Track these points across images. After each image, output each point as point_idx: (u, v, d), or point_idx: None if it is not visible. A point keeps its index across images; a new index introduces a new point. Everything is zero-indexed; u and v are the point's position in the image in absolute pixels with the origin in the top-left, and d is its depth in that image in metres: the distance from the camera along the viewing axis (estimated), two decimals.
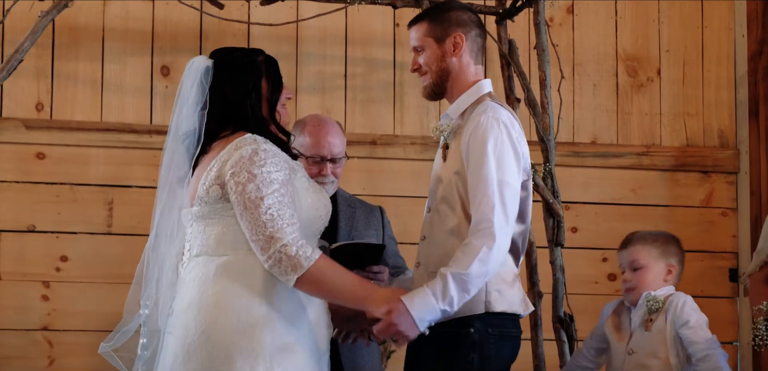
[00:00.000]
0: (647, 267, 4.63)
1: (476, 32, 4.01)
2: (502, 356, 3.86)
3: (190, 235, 3.82)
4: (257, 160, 3.66)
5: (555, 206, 4.95)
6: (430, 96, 4.05)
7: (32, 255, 5.48)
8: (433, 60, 3.97)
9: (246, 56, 3.92)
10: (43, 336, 5.47)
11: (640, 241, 4.64)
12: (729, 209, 6.13)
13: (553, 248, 4.99)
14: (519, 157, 3.83)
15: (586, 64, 6.06)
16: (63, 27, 5.55)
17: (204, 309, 3.67)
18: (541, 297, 4.96)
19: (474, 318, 3.79)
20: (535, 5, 5.02)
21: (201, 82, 3.84)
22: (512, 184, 3.77)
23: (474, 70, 4.00)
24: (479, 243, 3.68)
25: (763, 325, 4.13)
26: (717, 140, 6.16)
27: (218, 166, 3.72)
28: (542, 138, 4.98)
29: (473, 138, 3.79)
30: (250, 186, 3.64)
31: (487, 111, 3.83)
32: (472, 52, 3.99)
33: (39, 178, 5.51)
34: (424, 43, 3.99)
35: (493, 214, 3.70)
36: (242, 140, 3.73)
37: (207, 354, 3.63)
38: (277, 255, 3.61)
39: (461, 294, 3.68)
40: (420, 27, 4.01)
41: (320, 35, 5.76)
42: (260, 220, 3.62)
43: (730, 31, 6.21)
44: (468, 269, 3.66)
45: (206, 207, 3.74)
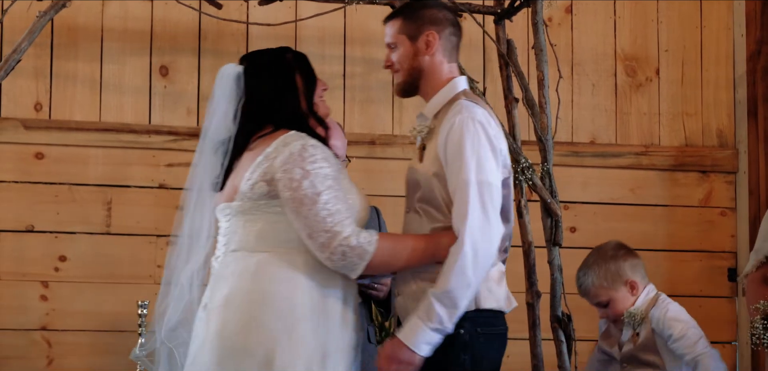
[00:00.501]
0: (612, 300, 4.69)
1: (450, 30, 4.00)
2: (491, 355, 3.87)
3: (227, 230, 3.81)
4: (308, 156, 3.68)
5: (553, 206, 4.95)
6: (402, 93, 4.06)
7: (31, 255, 5.48)
8: (406, 57, 3.97)
9: (276, 55, 3.94)
10: (41, 336, 5.47)
11: (592, 285, 4.69)
12: (728, 209, 6.13)
13: (551, 248, 4.99)
14: (497, 154, 3.81)
15: (584, 63, 6.06)
16: (62, 27, 5.55)
17: (244, 305, 3.67)
18: (540, 297, 4.96)
19: (463, 318, 3.79)
20: (533, 5, 5.02)
21: (233, 89, 3.86)
22: (493, 183, 3.76)
23: (448, 68, 3.99)
24: (455, 256, 3.68)
25: (760, 324, 4.13)
26: (716, 140, 6.17)
27: (266, 163, 3.71)
28: (540, 138, 4.98)
29: (450, 139, 3.78)
30: (305, 183, 3.64)
31: (462, 111, 3.81)
32: (446, 50, 3.97)
33: (38, 178, 5.51)
34: (397, 39, 3.99)
35: (467, 221, 3.69)
36: (289, 136, 3.74)
37: (246, 350, 3.63)
38: (340, 250, 3.63)
39: (449, 310, 3.68)
40: (394, 23, 4.02)
41: (319, 35, 5.76)
42: (319, 216, 3.63)
43: (728, 31, 6.21)
44: (448, 286, 3.67)
45: (248, 203, 3.74)
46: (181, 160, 5.60)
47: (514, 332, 5.11)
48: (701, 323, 5.90)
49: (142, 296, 5.38)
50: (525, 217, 4.96)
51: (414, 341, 3.68)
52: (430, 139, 3.91)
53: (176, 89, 5.66)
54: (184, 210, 3.91)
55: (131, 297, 5.40)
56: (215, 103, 3.88)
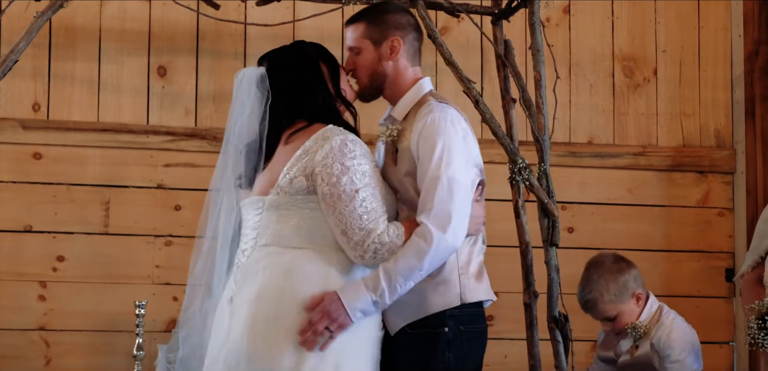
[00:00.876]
0: (620, 313, 4.69)
1: (414, 35, 4.07)
2: (474, 352, 3.93)
3: (258, 224, 3.83)
4: (347, 151, 3.72)
5: (550, 206, 4.94)
6: (364, 98, 4.11)
7: (29, 255, 5.49)
8: (370, 62, 4.01)
9: (295, 50, 3.98)
10: (39, 336, 5.47)
11: (600, 301, 4.68)
12: (725, 209, 6.13)
13: (548, 248, 4.99)
14: (468, 153, 3.88)
15: (582, 64, 6.06)
16: (60, 27, 5.55)
17: (276, 302, 3.69)
18: (537, 297, 4.95)
19: (447, 316, 3.82)
20: (530, 6, 5.01)
21: (257, 91, 3.88)
22: (462, 182, 3.81)
23: (412, 71, 4.07)
24: (418, 241, 3.72)
25: (755, 324, 4.14)
26: (713, 140, 6.17)
27: (306, 157, 3.75)
28: (537, 138, 4.98)
29: (422, 138, 3.83)
30: (344, 179, 3.69)
31: (433, 110, 3.87)
32: (410, 54, 4.05)
33: (36, 178, 5.51)
34: (361, 44, 4.03)
35: (431, 213, 3.74)
36: (328, 131, 3.77)
37: (275, 346, 3.65)
38: (373, 247, 3.68)
39: (393, 289, 3.71)
40: (357, 27, 4.05)
41: (317, 35, 5.69)
42: (356, 214, 3.68)
43: (726, 31, 6.21)
44: (401, 267, 3.70)
45: (285, 197, 3.76)
46: (179, 161, 5.60)
47: (511, 332, 5.16)
48: (698, 323, 5.91)
49: (140, 296, 5.39)
50: (522, 217, 4.95)
51: (352, 305, 3.69)
52: (401, 140, 3.94)
53: (174, 89, 5.67)
54: (210, 213, 3.92)
55: (129, 298, 5.41)
56: (238, 106, 3.90)
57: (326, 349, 3.66)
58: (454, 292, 3.86)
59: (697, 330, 5.84)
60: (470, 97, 4.73)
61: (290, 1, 5.65)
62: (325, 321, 3.66)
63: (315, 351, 3.64)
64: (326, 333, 3.67)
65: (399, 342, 3.87)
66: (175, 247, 5.58)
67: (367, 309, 3.71)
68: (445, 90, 5.79)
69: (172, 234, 5.60)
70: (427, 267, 3.74)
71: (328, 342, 3.67)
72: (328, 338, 3.67)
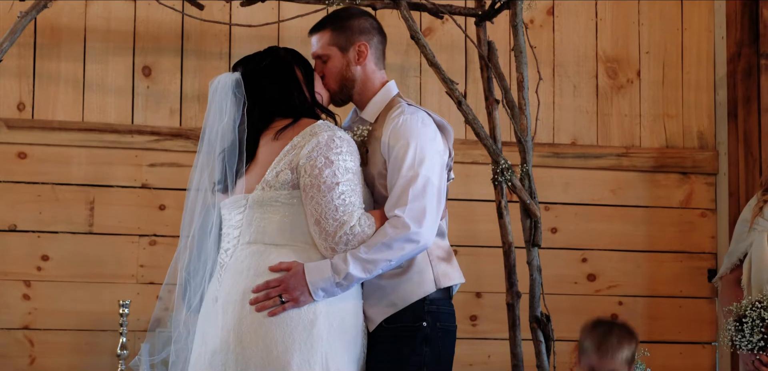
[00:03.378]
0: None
1: (378, 39, 4.12)
2: (447, 350, 3.97)
3: (240, 223, 3.84)
4: (334, 146, 3.76)
5: (532, 207, 4.96)
6: (335, 103, 4.16)
7: (13, 254, 5.49)
8: (338, 69, 4.05)
9: (270, 55, 4.00)
10: (24, 335, 5.47)
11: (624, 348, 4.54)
12: (708, 210, 6.16)
13: (531, 248, 5.01)
14: (440, 156, 3.93)
15: (566, 65, 6.08)
16: (45, 27, 5.56)
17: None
18: (520, 297, 4.98)
19: (425, 311, 3.86)
20: (513, 7, 5.03)
21: (233, 96, 3.90)
22: (434, 182, 3.85)
23: (380, 75, 4.12)
24: (390, 230, 3.76)
25: (733, 326, 4.17)
26: (696, 141, 6.19)
27: (293, 152, 3.78)
28: (520, 139, 5.00)
29: (393, 138, 3.89)
30: (327, 171, 3.72)
31: (404, 112, 3.93)
32: (376, 57, 4.11)
33: (20, 177, 5.52)
34: (327, 51, 4.06)
35: (404, 208, 3.78)
36: (317, 126, 3.80)
37: (264, 347, 3.66)
38: (344, 238, 3.71)
39: (359, 273, 3.74)
40: (322, 35, 4.08)
41: (301, 36, 5.72)
42: (333, 204, 3.71)
43: (709, 32, 6.24)
44: (371, 256, 3.74)
45: (269, 192, 3.78)
46: (163, 160, 5.61)
47: (494, 332, 5.18)
48: (681, 324, 5.96)
49: (125, 296, 5.40)
50: (505, 218, 4.97)
51: (315, 283, 3.71)
52: (371, 141, 3.98)
53: (159, 89, 5.67)
54: (188, 213, 3.94)
55: (113, 297, 5.42)
56: (214, 112, 3.92)
57: (315, 353, 3.68)
58: (429, 278, 3.91)
59: (680, 330, 5.88)
60: (453, 98, 4.75)
61: (275, 2, 5.66)
62: (281, 291, 3.69)
63: (302, 349, 3.66)
64: (278, 301, 3.69)
65: (376, 337, 3.90)
66: (159, 247, 5.59)
67: (330, 290, 3.73)
68: (428, 91, 5.81)
69: (156, 233, 5.60)
70: (397, 257, 3.77)
71: (278, 310, 3.69)
72: (278, 307, 3.68)
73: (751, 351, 4.13)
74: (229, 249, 3.84)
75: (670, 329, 6.00)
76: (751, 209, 4.51)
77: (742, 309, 4.15)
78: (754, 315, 4.11)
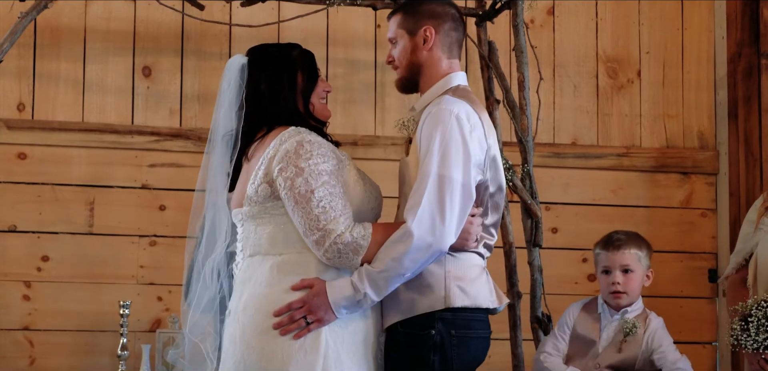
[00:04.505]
0: (636, 272, 4.66)
1: (450, 25, 3.96)
2: (464, 358, 3.80)
3: (242, 236, 3.84)
4: (303, 152, 3.68)
5: (533, 207, 4.96)
6: (402, 89, 4.01)
7: (13, 255, 5.48)
8: (405, 53, 3.93)
9: (280, 51, 3.94)
10: (24, 336, 5.47)
11: (632, 244, 4.65)
12: (708, 210, 6.15)
13: (531, 249, 5.01)
14: (468, 152, 3.73)
15: (566, 65, 6.08)
16: (45, 27, 5.55)
17: (261, 310, 3.69)
18: (520, 298, 4.98)
19: (435, 319, 3.77)
20: (514, 7, 5.03)
21: (237, 80, 3.86)
22: (455, 179, 3.68)
23: (447, 63, 3.94)
24: (397, 242, 3.65)
25: (738, 326, 4.16)
26: (696, 141, 6.19)
27: (266, 164, 3.73)
28: (521, 139, 5.00)
29: (424, 128, 3.75)
30: (298, 181, 3.65)
31: (441, 103, 3.77)
32: (445, 45, 3.93)
33: (20, 178, 5.51)
34: (397, 35, 3.96)
35: (416, 212, 3.65)
36: (285, 133, 3.74)
37: (263, 355, 3.65)
38: (334, 248, 3.63)
39: (376, 291, 3.67)
40: (395, 19, 3.99)
41: (301, 36, 5.75)
42: (312, 214, 3.63)
43: (709, 32, 6.24)
44: (381, 267, 3.65)
45: (256, 207, 3.75)
46: (163, 161, 5.61)
47: (495, 332, 5.14)
48: (682, 324, 5.95)
49: (125, 296, 5.40)
50: (506, 218, 4.97)
51: (337, 301, 3.67)
52: (415, 131, 3.89)
53: (159, 90, 5.67)
54: (198, 208, 3.92)
55: (114, 298, 5.41)
56: (222, 94, 3.89)
57: (314, 358, 3.66)
58: (439, 296, 3.77)
59: (680, 330, 5.87)
60: None
61: (275, 2, 5.66)
62: (305, 312, 3.65)
63: (307, 356, 3.64)
64: (302, 323, 3.67)
65: (390, 339, 3.85)
66: (159, 247, 5.58)
67: (352, 308, 3.68)
68: None
69: (156, 234, 5.60)
70: (409, 268, 3.66)
71: (303, 332, 3.67)
72: (303, 328, 3.66)
73: (757, 351, 4.12)
74: (239, 263, 3.86)
75: (671, 329, 5.93)
76: (757, 209, 4.51)
77: (748, 309, 4.14)
78: (760, 314, 4.10)
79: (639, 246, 4.67)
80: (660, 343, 4.61)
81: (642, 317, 4.67)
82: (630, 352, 4.60)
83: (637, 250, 4.66)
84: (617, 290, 4.63)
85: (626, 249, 4.65)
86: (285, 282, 3.70)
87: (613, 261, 4.66)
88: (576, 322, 4.71)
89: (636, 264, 4.65)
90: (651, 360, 4.61)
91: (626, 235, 4.71)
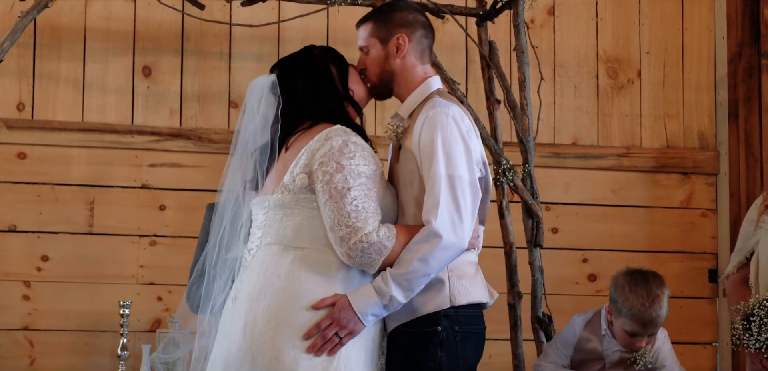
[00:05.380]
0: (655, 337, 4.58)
1: (421, 32, 4.03)
2: (468, 353, 3.88)
3: (263, 224, 3.84)
4: (347, 151, 3.71)
5: (534, 207, 4.96)
6: (376, 96, 4.10)
7: (13, 254, 5.48)
8: (377, 61, 4.01)
9: (304, 55, 4.00)
10: (23, 336, 5.46)
11: (663, 315, 4.53)
12: (709, 210, 6.15)
13: (532, 249, 5.01)
14: (470, 151, 3.82)
15: (566, 65, 6.08)
16: (45, 27, 5.55)
17: (276, 302, 3.69)
18: (521, 298, 4.98)
19: (440, 316, 3.81)
20: (514, 7, 5.03)
21: (269, 97, 3.89)
22: (464, 177, 3.77)
23: (421, 69, 4.03)
24: (422, 242, 3.70)
25: (740, 325, 4.16)
26: (697, 142, 6.19)
27: (307, 155, 3.75)
28: (521, 139, 4.99)
29: (423, 135, 3.82)
30: (337, 177, 3.68)
31: (435, 106, 3.84)
32: (417, 52, 4.01)
33: (20, 177, 5.51)
34: (369, 43, 4.03)
35: (435, 213, 3.71)
36: (332, 131, 3.77)
37: (274, 345, 3.65)
38: (359, 246, 3.65)
39: (403, 293, 3.71)
40: (366, 27, 4.05)
41: (302, 36, 5.76)
42: (345, 210, 3.66)
43: (710, 32, 6.23)
44: (407, 269, 3.69)
45: (289, 195, 3.77)
46: (163, 161, 5.60)
47: (495, 333, 5.16)
48: (682, 324, 5.95)
49: (125, 296, 5.39)
50: (506, 218, 4.97)
51: (363, 310, 3.71)
52: (405, 137, 3.94)
53: (159, 89, 5.66)
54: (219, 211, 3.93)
55: (113, 298, 5.41)
56: (249, 112, 3.91)
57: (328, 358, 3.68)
58: (445, 295, 3.84)
59: (681, 330, 5.87)
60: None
61: (275, 2, 5.65)
62: (335, 328, 3.68)
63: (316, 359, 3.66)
64: (335, 339, 3.69)
65: (393, 341, 3.87)
66: (159, 247, 5.58)
67: (379, 313, 3.74)
68: None
69: (156, 234, 5.59)
70: (435, 267, 3.73)
71: (337, 347, 3.70)
72: (337, 344, 3.69)
73: (759, 350, 4.12)
74: (253, 250, 3.85)
75: (671, 329, 5.94)
76: (758, 208, 4.51)
77: (750, 308, 4.14)
78: (762, 313, 4.10)
79: (667, 308, 4.56)
80: (664, 361, 4.60)
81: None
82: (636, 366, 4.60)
83: (666, 314, 4.56)
84: (638, 348, 4.56)
85: (659, 322, 4.55)
86: (304, 278, 3.71)
87: (645, 334, 4.57)
88: (580, 339, 4.69)
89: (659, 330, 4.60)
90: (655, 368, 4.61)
91: (659, 308, 4.52)
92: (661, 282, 4.54)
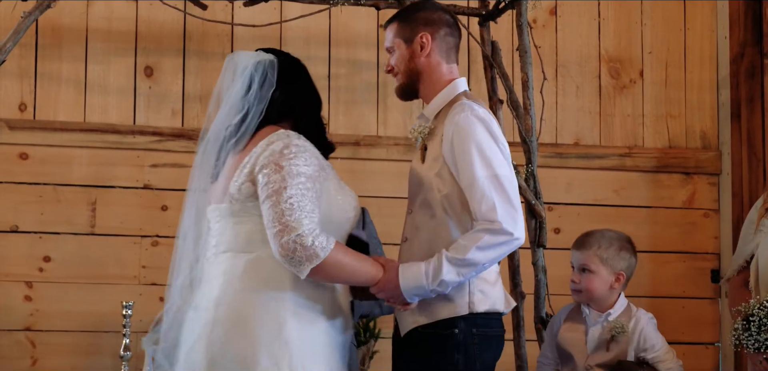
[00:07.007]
0: (597, 274, 4.61)
1: (445, 31, 4.03)
2: (485, 356, 3.89)
3: (217, 232, 3.83)
4: (287, 153, 3.69)
5: (537, 207, 4.96)
6: (402, 96, 4.10)
7: (15, 255, 5.47)
8: (402, 60, 4.01)
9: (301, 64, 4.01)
10: (25, 337, 5.46)
11: (594, 245, 4.63)
12: (711, 210, 6.15)
13: (535, 249, 5.01)
14: (502, 148, 3.86)
15: (569, 65, 6.07)
16: (46, 27, 5.54)
17: (232, 307, 3.69)
18: (524, 298, 4.98)
19: (458, 319, 3.81)
20: (517, 7, 5.03)
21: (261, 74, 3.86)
22: (503, 174, 3.80)
23: (446, 69, 4.02)
24: (482, 232, 3.72)
25: (740, 326, 4.16)
26: (699, 142, 6.19)
27: (251, 162, 3.74)
28: (525, 139, 4.99)
29: (456, 140, 3.81)
30: (275, 177, 3.65)
31: (464, 110, 3.84)
32: (442, 51, 4.01)
33: (22, 178, 5.50)
34: (394, 43, 4.03)
35: (496, 212, 3.74)
36: (275, 135, 3.76)
37: (233, 352, 3.64)
38: (291, 245, 3.60)
39: (454, 278, 3.73)
40: (391, 28, 4.06)
41: (304, 36, 5.76)
42: (279, 207, 3.62)
43: (712, 32, 6.23)
44: (466, 255, 3.71)
45: (237, 204, 3.75)
46: (165, 161, 5.60)
47: None
48: (684, 324, 5.95)
49: (127, 297, 5.38)
50: None
51: (408, 286, 3.75)
52: (430, 139, 3.94)
53: (161, 90, 5.66)
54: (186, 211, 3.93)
55: (116, 298, 5.40)
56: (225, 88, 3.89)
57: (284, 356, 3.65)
58: (464, 301, 3.85)
59: (683, 331, 5.87)
60: None
61: (277, 2, 5.65)
62: (384, 295, 3.78)
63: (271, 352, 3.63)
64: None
65: (409, 341, 3.87)
66: (161, 248, 5.57)
67: (424, 295, 3.76)
68: None
69: (158, 234, 5.59)
70: (492, 260, 3.78)
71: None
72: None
73: (759, 351, 4.12)
74: (209, 258, 3.84)
75: (673, 329, 5.99)
76: (758, 210, 4.50)
77: (750, 309, 4.14)
78: (762, 314, 4.10)
79: (605, 249, 4.63)
80: (653, 344, 4.60)
81: (626, 315, 4.64)
82: (619, 350, 4.59)
83: (600, 252, 4.62)
84: (574, 288, 4.63)
85: (586, 250, 4.64)
86: (257, 279, 3.70)
87: (575, 258, 4.66)
88: (561, 330, 4.69)
89: (597, 265, 4.61)
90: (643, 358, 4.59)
91: (594, 236, 4.67)
92: (619, 233, 4.64)
